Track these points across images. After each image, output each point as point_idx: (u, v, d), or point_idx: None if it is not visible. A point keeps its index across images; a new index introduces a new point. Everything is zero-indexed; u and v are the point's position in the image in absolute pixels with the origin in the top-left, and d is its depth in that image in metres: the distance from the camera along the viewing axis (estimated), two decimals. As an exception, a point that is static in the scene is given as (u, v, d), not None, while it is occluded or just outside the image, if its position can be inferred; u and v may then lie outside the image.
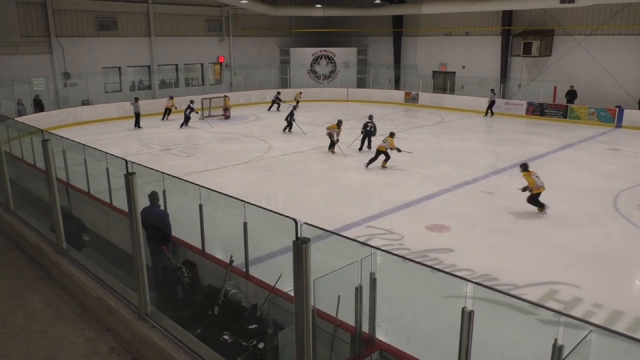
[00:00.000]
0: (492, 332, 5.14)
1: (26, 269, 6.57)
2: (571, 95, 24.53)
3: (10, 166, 10.49)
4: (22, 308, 5.59)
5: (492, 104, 25.50)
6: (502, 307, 4.11)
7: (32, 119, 19.58)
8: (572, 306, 7.36)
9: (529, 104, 25.38)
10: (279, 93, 28.18)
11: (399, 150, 15.20)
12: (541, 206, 11.44)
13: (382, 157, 15.24)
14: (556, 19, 25.42)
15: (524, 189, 11.44)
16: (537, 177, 11.42)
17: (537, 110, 25.08)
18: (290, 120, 21.19)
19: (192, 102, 23.14)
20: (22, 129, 11.61)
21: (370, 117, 17.90)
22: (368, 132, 17.39)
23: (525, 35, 25.92)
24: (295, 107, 23.25)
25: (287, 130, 21.27)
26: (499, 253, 9.37)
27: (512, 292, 6.29)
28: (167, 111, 24.46)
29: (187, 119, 22.65)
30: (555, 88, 25.45)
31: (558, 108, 24.57)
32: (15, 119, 17.90)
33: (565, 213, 11.46)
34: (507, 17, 27.14)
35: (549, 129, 22.14)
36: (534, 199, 11.41)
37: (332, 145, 17.29)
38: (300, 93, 29.25)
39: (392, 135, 15.55)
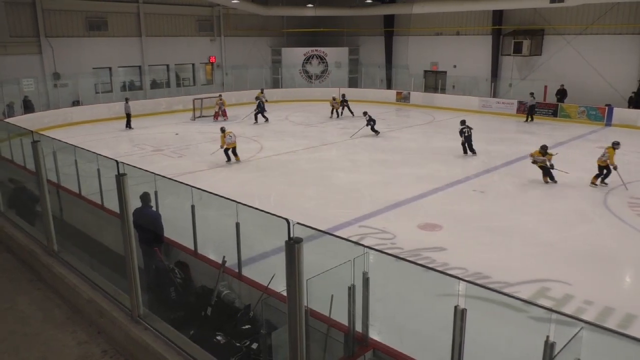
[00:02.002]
0: (484, 330, 5.16)
1: (16, 272, 6.52)
2: (561, 94, 24.69)
3: (-1, 168, 10.45)
4: (12, 311, 5.54)
5: (532, 108, 24.19)
6: (495, 305, 4.13)
7: (22, 120, 19.37)
8: (564, 303, 7.42)
9: (520, 103, 25.51)
10: (344, 96, 26.00)
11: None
12: (228, 159, 15.54)
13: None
14: (546, 18, 25.59)
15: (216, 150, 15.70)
16: (230, 136, 15.44)
17: (528, 109, 25.21)
18: (370, 125, 20.27)
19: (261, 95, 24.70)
20: (12, 130, 11.49)
21: (463, 122, 17.04)
22: (467, 137, 16.86)
23: (515, 35, 26.07)
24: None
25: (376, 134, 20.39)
26: (491, 251, 9.41)
27: (504, 290, 6.32)
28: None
29: (259, 113, 23.69)
30: (545, 87, 25.61)
31: (548, 107, 24.73)
32: (5, 120, 17.73)
33: (556, 211, 11.55)
34: (498, 16, 27.29)
35: (540, 128, 22.27)
36: (225, 152, 15.56)
37: (548, 173, 13.64)
38: (334, 98, 25.66)
39: (614, 145, 13.12)
